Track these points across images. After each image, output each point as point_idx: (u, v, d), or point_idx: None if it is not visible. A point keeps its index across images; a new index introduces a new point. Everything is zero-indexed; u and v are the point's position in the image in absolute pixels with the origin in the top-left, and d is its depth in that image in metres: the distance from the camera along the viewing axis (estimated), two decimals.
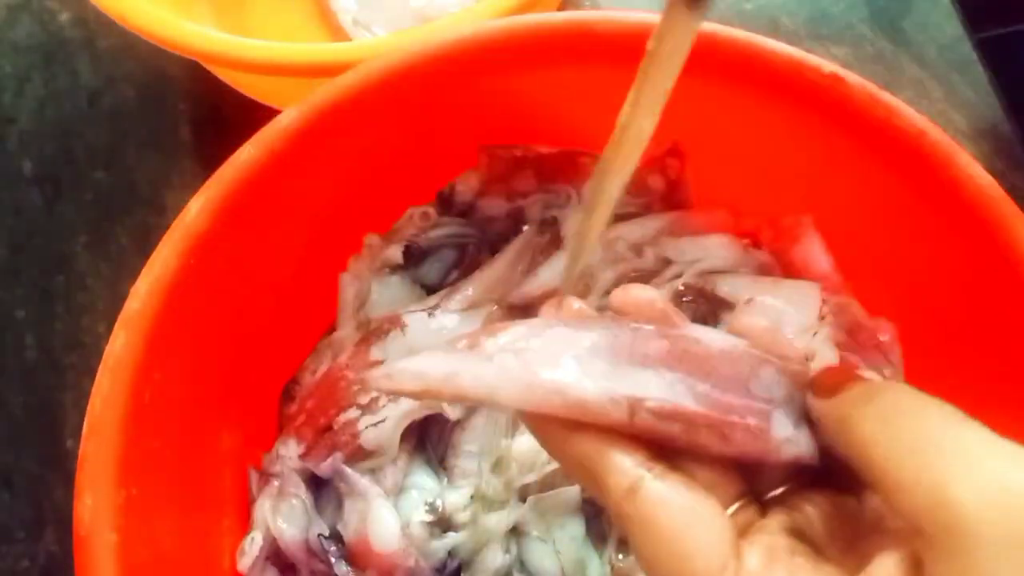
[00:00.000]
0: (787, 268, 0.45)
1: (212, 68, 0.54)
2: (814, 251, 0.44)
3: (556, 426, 0.23)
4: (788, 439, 0.24)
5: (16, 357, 0.51)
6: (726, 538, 0.22)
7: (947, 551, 0.19)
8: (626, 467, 0.22)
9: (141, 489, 0.33)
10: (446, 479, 0.42)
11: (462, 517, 0.40)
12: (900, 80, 0.57)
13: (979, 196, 0.36)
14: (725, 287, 0.43)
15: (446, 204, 0.46)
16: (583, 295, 0.42)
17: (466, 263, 0.46)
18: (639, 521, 0.22)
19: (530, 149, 0.45)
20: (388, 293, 0.45)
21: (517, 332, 0.23)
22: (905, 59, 0.58)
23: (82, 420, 0.33)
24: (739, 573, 0.21)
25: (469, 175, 0.46)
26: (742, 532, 0.23)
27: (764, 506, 0.25)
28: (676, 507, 0.22)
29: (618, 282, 0.43)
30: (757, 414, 0.23)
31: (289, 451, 0.41)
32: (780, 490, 0.24)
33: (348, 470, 0.40)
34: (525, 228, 0.45)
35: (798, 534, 0.23)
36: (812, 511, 0.24)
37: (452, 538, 0.39)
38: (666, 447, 0.23)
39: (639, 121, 0.24)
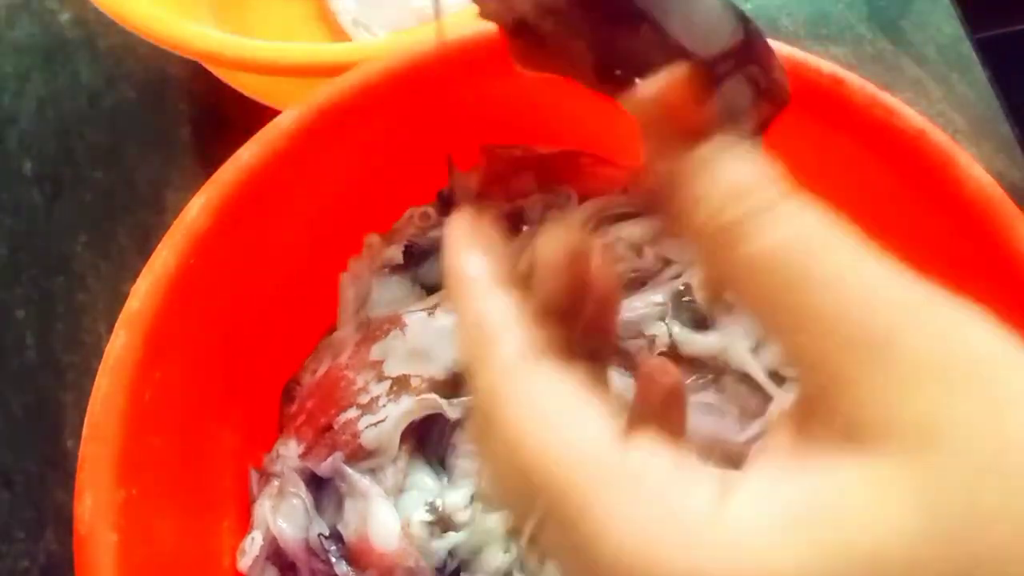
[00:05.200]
0: None
1: (212, 68, 0.54)
2: None
3: None
4: None
5: (16, 357, 0.51)
6: None
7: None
8: None
9: (141, 489, 0.33)
10: (446, 479, 0.42)
11: (462, 517, 0.39)
12: (900, 80, 0.57)
13: (979, 196, 0.36)
14: None
15: (446, 204, 0.46)
16: None
17: None
18: None
19: (530, 149, 0.45)
20: (388, 293, 0.45)
21: None
22: (904, 59, 0.58)
23: (82, 420, 0.33)
24: None
25: (469, 175, 0.46)
26: None
27: None
28: None
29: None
30: None
31: (289, 451, 0.41)
32: None
33: (348, 470, 0.40)
34: (525, 228, 0.45)
35: None
36: None
37: (452, 538, 0.39)
38: None
39: None
